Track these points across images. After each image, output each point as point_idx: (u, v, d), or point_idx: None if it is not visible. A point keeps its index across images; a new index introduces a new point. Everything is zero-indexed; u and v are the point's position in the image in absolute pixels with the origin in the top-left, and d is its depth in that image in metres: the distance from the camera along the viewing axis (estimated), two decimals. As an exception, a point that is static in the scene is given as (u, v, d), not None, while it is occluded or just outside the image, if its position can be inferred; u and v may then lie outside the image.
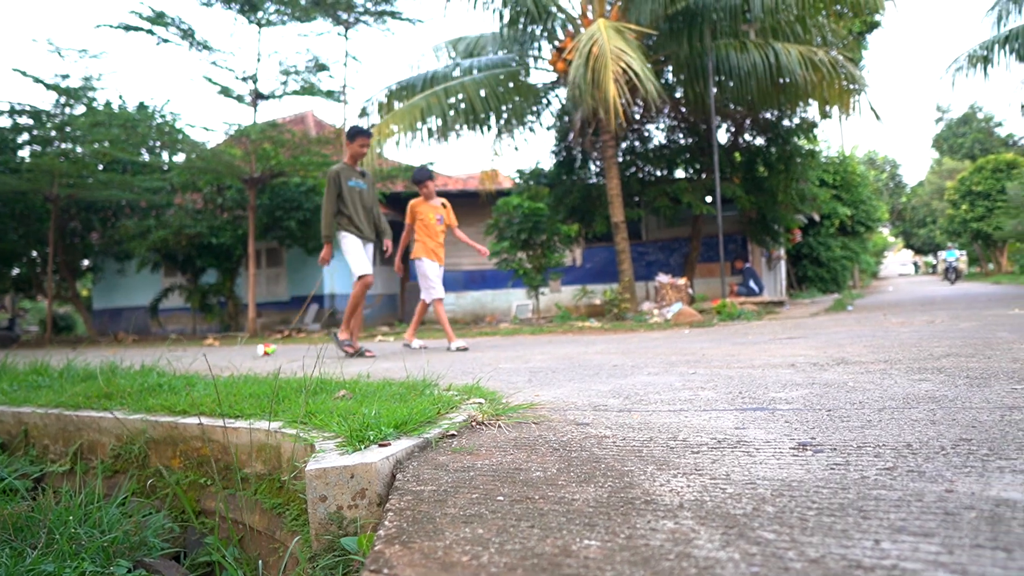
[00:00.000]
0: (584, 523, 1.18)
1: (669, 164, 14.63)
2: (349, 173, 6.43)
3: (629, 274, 11.21)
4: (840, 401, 2.19)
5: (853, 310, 11.02)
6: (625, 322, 9.83)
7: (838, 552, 0.97)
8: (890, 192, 56.95)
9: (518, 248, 12.32)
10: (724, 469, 1.46)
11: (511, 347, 6.63)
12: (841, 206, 21.25)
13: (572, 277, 17.89)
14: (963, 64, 15.69)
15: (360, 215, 6.39)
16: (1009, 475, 1.29)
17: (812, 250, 21.32)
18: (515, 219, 12.13)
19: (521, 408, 2.41)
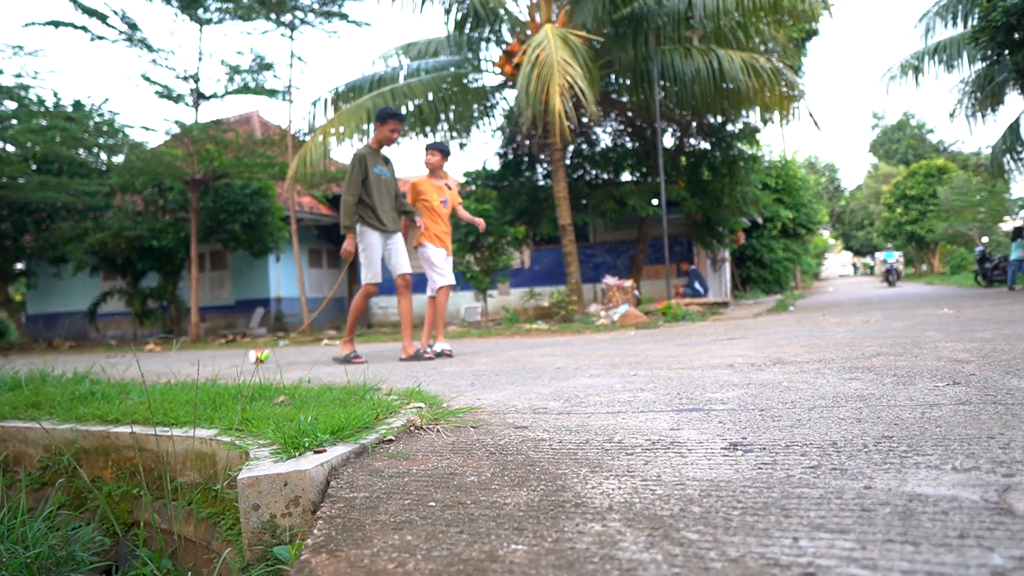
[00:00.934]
0: (513, 527, 1.18)
1: (616, 167, 14.78)
2: (375, 159, 5.70)
3: (576, 276, 11.28)
4: (773, 401, 2.24)
5: (794, 310, 11.28)
6: (572, 324, 9.89)
7: (758, 551, 0.99)
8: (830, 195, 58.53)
9: (466, 250, 12.31)
10: (656, 470, 1.48)
11: (458, 351, 6.61)
12: (783, 209, 21.76)
13: (521, 279, 17.95)
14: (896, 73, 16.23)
15: (385, 205, 5.67)
16: (924, 470, 1.33)
17: (756, 252, 21.77)
18: (462, 221, 12.11)
19: (461, 412, 2.40)
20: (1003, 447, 1.46)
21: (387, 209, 5.70)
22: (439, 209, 6.06)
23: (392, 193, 5.80)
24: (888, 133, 56.22)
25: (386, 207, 5.69)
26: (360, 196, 5.62)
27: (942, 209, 31.00)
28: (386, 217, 5.69)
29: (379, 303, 20.52)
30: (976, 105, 15.83)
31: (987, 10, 11.37)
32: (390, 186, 5.78)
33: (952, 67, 15.77)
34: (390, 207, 5.75)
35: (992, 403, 1.94)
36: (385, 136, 5.73)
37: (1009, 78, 13.86)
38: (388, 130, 5.70)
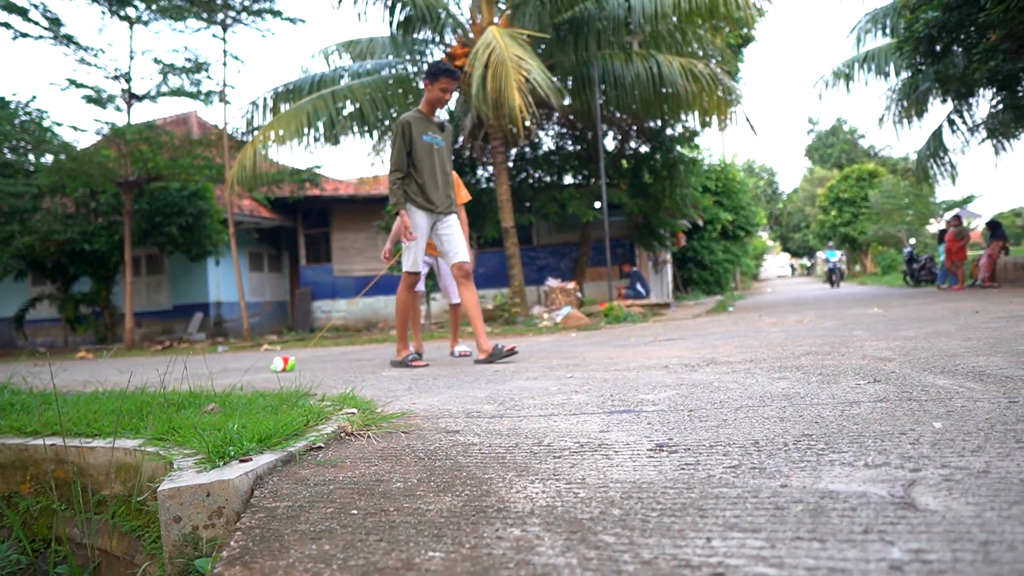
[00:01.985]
0: (433, 534, 1.17)
1: (559, 170, 14.88)
2: (424, 125, 4.82)
3: (519, 279, 11.31)
4: (703, 401, 2.27)
5: (733, 311, 11.51)
6: (515, 326, 9.91)
7: (671, 552, 1.00)
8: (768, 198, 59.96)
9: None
10: (581, 473, 1.49)
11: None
12: (723, 212, 22.20)
13: (465, 282, 17.90)
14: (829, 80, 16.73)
15: (437, 180, 4.80)
16: (838, 467, 1.36)
17: (696, 254, 22.16)
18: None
19: (394, 417, 2.38)
20: (913, 443, 1.51)
21: (439, 184, 4.81)
22: None
23: (447, 167, 4.93)
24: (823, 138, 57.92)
25: (438, 183, 4.81)
26: (408, 171, 4.79)
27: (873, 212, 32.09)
28: (436, 195, 4.81)
29: (321, 307, 20.25)
30: (903, 112, 16.43)
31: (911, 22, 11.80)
32: (443, 157, 4.90)
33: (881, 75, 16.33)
34: (443, 182, 4.85)
35: (908, 400, 2.01)
36: (436, 96, 4.84)
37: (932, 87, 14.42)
38: (439, 89, 4.80)
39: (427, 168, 4.77)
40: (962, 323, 4.91)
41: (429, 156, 4.79)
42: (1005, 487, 1.17)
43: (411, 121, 4.79)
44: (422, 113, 4.86)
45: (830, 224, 38.61)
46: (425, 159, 4.77)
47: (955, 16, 11.02)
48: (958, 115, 15.99)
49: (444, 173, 4.87)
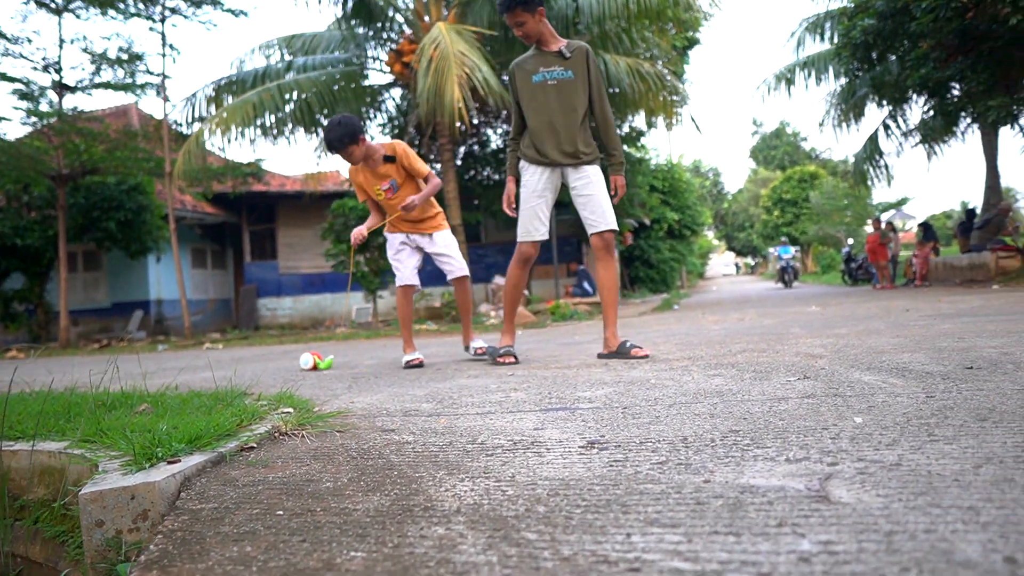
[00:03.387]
0: (357, 534, 1.16)
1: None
2: (534, 63, 3.87)
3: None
4: (638, 399, 2.30)
5: (678, 309, 11.69)
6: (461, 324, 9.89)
7: (590, 549, 1.01)
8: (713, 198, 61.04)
9: (355, 251, 12.11)
10: (511, 471, 1.49)
11: (343, 352, 6.49)
12: (669, 211, 22.52)
13: (413, 280, 17.80)
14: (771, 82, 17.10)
15: (553, 125, 3.80)
16: (761, 463, 1.39)
17: (643, 252, 22.42)
18: (351, 221, 11.91)
19: (330, 416, 2.36)
20: (833, 437, 1.55)
21: (556, 128, 3.81)
22: (386, 201, 4.40)
23: (572, 106, 3.82)
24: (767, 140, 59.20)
25: (554, 126, 3.81)
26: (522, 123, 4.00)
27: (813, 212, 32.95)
28: (549, 142, 3.83)
29: (266, 304, 19.90)
30: (842, 116, 16.90)
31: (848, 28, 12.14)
32: (567, 92, 3.82)
33: (821, 80, 16.76)
34: (565, 125, 3.81)
35: (833, 395, 2.07)
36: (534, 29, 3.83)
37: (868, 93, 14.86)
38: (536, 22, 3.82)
39: (536, 112, 3.85)
40: (892, 321, 5.07)
41: (542, 96, 3.82)
42: (914, 479, 1.21)
43: (516, 66, 3.94)
44: (538, 48, 3.91)
45: (773, 224, 39.50)
46: (533, 103, 3.85)
47: (889, 24, 11.38)
48: (893, 120, 16.52)
49: (567, 113, 3.81)
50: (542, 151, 3.84)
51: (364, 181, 4.37)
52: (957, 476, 1.22)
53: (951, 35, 10.79)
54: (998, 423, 1.57)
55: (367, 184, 4.39)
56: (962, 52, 11.20)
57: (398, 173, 4.34)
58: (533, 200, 3.89)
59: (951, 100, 12.99)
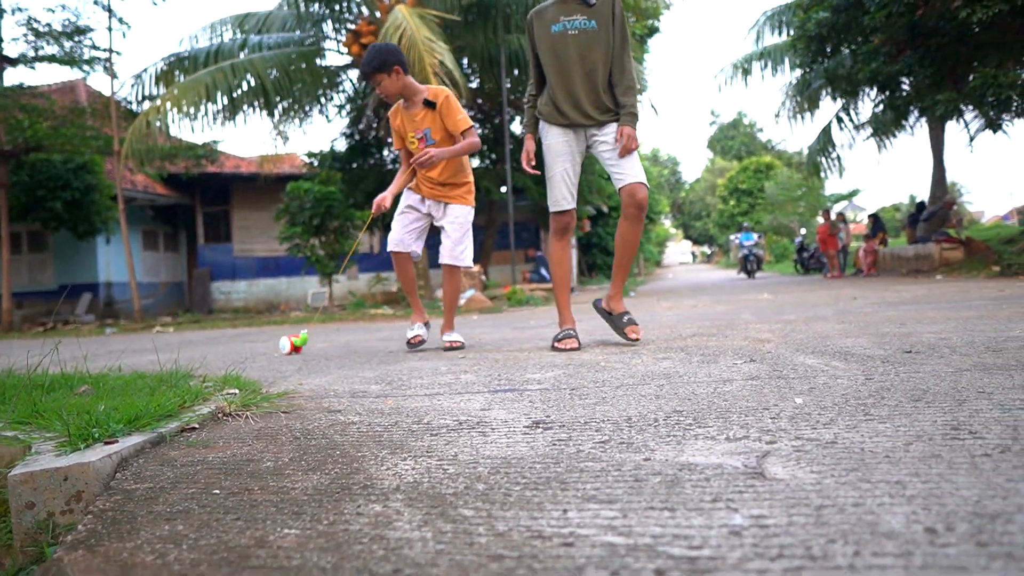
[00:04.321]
0: (293, 512, 1.15)
1: (466, 153, 14.81)
2: (555, 11, 3.43)
3: (423, 261, 11.23)
4: (586, 380, 2.31)
5: (634, 296, 11.78)
6: (419, 309, 9.85)
7: (526, 524, 1.01)
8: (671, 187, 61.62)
9: (311, 234, 11.95)
10: (454, 450, 1.48)
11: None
12: (626, 199, 22.61)
13: (370, 264, 17.67)
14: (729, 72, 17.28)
15: (571, 80, 3.39)
16: (701, 441, 1.41)
17: (601, 239, 22.56)
18: (306, 204, 11.74)
19: (276, 397, 2.32)
20: (774, 417, 1.57)
21: (575, 84, 3.39)
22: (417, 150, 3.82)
23: (593, 57, 3.38)
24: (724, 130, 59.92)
25: (572, 82, 3.39)
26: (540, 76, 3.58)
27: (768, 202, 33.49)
28: (569, 101, 3.41)
29: (220, 288, 19.56)
30: (797, 108, 17.17)
31: (803, 20, 12.30)
32: (589, 43, 3.37)
33: (777, 71, 16.99)
34: (585, 81, 3.38)
35: (777, 378, 2.10)
36: None
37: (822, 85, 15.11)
38: None
39: (555, 66, 3.43)
40: (839, 308, 5.18)
41: (562, 48, 3.40)
42: (847, 456, 1.24)
43: (535, 15, 3.51)
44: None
45: (729, 213, 40.05)
46: (552, 55, 3.44)
47: (843, 18, 11.56)
48: (845, 113, 16.84)
49: (589, 68, 3.38)
50: (561, 110, 3.44)
51: (400, 125, 3.87)
52: (888, 453, 1.25)
53: (902, 30, 11.01)
54: (931, 403, 1.61)
55: (403, 128, 3.88)
56: (911, 47, 11.44)
57: (435, 123, 3.78)
58: (557, 166, 3.48)
59: (901, 94, 13.28)
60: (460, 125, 3.77)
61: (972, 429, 1.37)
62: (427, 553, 0.92)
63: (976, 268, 10.64)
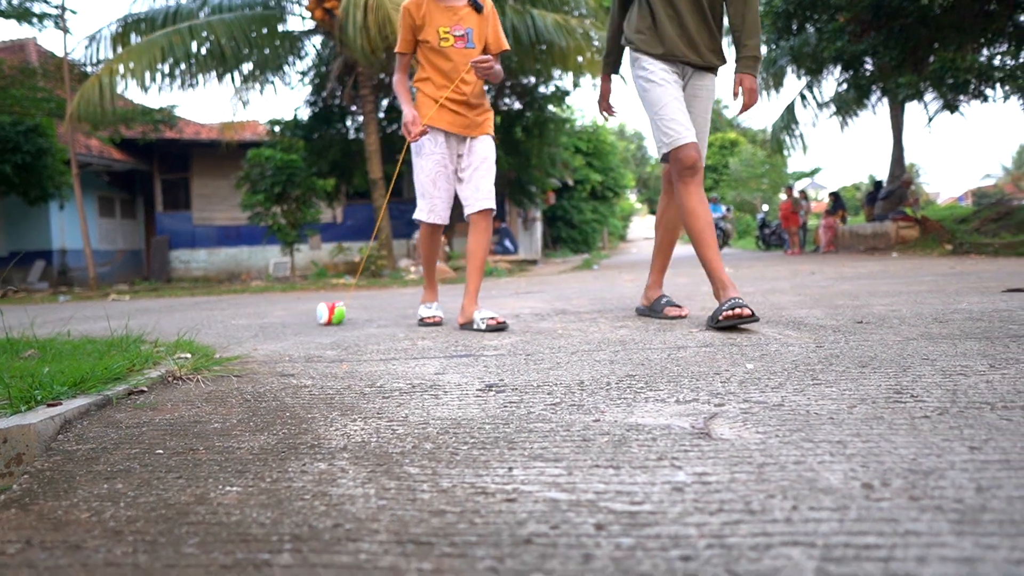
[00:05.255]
0: (236, 471, 1.13)
1: (431, 123, 14.65)
2: None
3: (387, 231, 11.14)
4: (542, 347, 2.31)
5: (598, 269, 11.83)
6: (381, 279, 9.78)
7: (470, 481, 1.00)
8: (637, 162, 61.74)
9: (272, 202, 11.75)
10: (405, 412, 1.47)
11: (254, 304, 6.32)
12: (593, 172, 22.67)
13: (333, 234, 17.47)
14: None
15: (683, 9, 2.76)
16: (651, 404, 1.42)
17: (566, 213, 22.58)
18: (268, 171, 11.53)
19: (228, 361, 2.29)
20: (724, 381, 1.59)
21: (687, 15, 2.77)
22: (451, 54, 3.07)
23: None
24: (690, 106, 59.95)
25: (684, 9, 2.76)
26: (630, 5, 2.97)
27: (732, 178, 33.77)
28: (678, 32, 2.78)
29: (179, 256, 19.19)
30: (762, 85, 17.23)
31: (771, -5, 12.32)
32: None
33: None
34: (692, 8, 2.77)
35: (731, 345, 2.12)
36: None
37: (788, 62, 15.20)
38: None
39: None
40: (797, 282, 5.26)
41: None
42: (792, 418, 1.26)
43: None
44: None
45: (693, 189, 40.27)
46: None
47: (810, -6, 11.61)
48: (809, 91, 16.97)
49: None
50: (666, 40, 2.76)
51: (427, 13, 3.03)
52: (832, 415, 1.26)
53: (866, 9, 11.10)
54: (877, 369, 1.64)
55: (430, 18, 3.04)
56: (875, 27, 11.55)
57: (478, 28, 3.10)
58: (665, 94, 2.74)
59: (864, 74, 13.41)
60: (503, 44, 3.18)
61: (914, 393, 1.40)
62: (368, 508, 0.91)
63: (930, 246, 10.87)
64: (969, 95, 11.24)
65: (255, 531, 0.86)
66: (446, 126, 3.09)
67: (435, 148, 3.11)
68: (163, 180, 19.29)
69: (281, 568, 0.75)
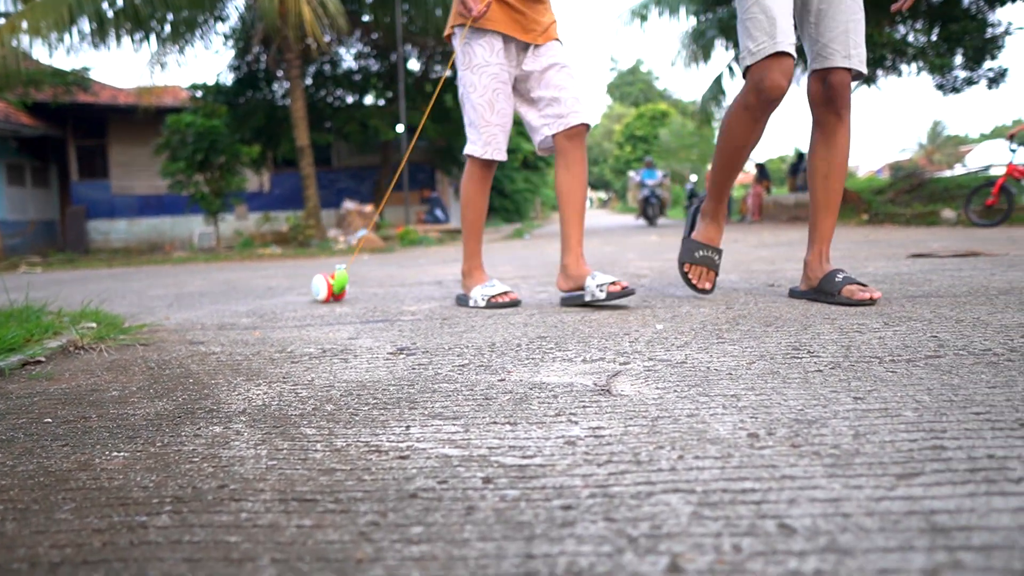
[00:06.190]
0: (127, 437, 1.09)
1: (360, 90, 14.38)
2: None
3: (315, 200, 10.92)
4: (459, 312, 2.31)
5: (529, 239, 11.87)
6: (309, 249, 9.60)
7: (365, 440, 0.99)
8: (571, 132, 61.92)
9: (194, 170, 11.36)
10: (312, 376, 1.45)
11: (174, 275, 6.13)
12: (525, 142, 22.61)
13: (260, 203, 17.03)
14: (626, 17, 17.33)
15: None
16: (559, 363, 1.43)
17: (498, 182, 22.51)
18: (189, 138, 11.13)
19: (137, 330, 2.21)
20: (632, 341, 1.61)
21: None
22: None
23: None
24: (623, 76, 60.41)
25: None
26: None
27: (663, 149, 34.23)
28: None
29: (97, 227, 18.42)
30: (692, 56, 17.43)
31: (699, -35, 12.41)
32: None
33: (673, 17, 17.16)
34: None
35: (644, 308, 2.15)
36: None
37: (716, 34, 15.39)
38: None
39: None
40: (719, 249, 5.37)
41: None
42: (693, 374, 1.28)
43: None
44: None
45: (624, 159, 40.70)
46: None
47: (737, -35, 11.71)
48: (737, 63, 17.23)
49: None
50: None
51: None
52: (731, 371, 1.30)
53: (791, -19, 11.26)
54: (780, 328, 1.69)
55: None
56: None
57: None
58: None
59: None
60: None
61: (811, 349, 1.44)
62: (258, 469, 0.90)
63: (849, 216, 11.25)
64: (885, 70, 11.60)
65: (136, 495, 0.83)
66: (504, 27, 2.35)
67: (490, 57, 2.37)
68: (78, 147, 18.43)
69: (156, 529, 0.73)
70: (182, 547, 0.68)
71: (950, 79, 11.61)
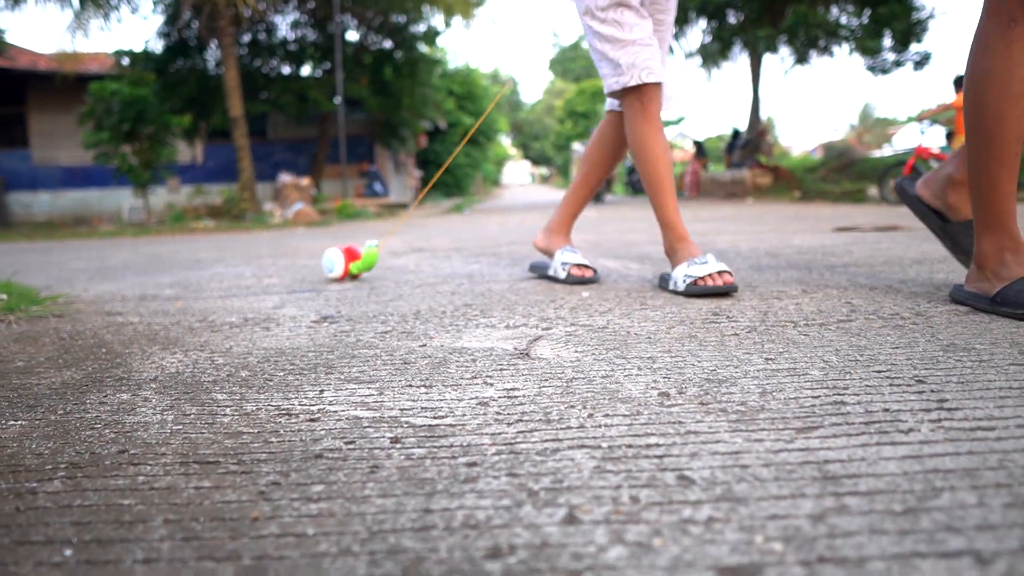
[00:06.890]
0: (27, 406, 1.05)
1: (297, 60, 14.01)
2: None
3: (249, 172, 10.65)
4: (388, 281, 2.29)
5: (469, 213, 11.82)
6: (243, 222, 9.38)
7: (277, 404, 0.98)
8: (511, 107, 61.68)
9: (120, 141, 10.93)
10: (230, 344, 1.42)
11: (99, 248, 5.91)
12: (465, 116, 22.45)
13: (193, 176, 16.51)
14: (567, -9, 17.24)
15: None
16: (481, 329, 1.43)
17: (438, 156, 22.34)
18: (114, 107, 10.69)
19: (51, 300, 2.13)
20: (556, 308, 1.62)
21: None
22: None
23: None
24: (565, 52, 60.31)
25: None
26: None
27: (604, 126, 34.37)
28: None
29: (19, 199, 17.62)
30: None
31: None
32: None
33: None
34: None
35: (573, 278, 2.17)
36: None
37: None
38: None
39: None
40: (654, 222, 5.44)
41: None
42: (612, 338, 1.30)
43: None
44: None
45: (565, 135, 40.79)
46: None
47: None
48: (675, 40, 17.36)
49: None
50: None
51: None
52: (651, 335, 1.32)
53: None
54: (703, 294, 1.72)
55: None
56: (737, -22, 11.93)
57: None
58: None
59: (727, 26, 13.86)
60: None
61: (730, 315, 1.48)
62: (162, 433, 0.87)
63: (782, 193, 11.53)
64: (818, 50, 11.86)
65: (29, 461, 0.80)
66: None
67: None
68: (-5, 115, 17.54)
69: (47, 495, 0.70)
70: (72, 511, 0.66)
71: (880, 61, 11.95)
